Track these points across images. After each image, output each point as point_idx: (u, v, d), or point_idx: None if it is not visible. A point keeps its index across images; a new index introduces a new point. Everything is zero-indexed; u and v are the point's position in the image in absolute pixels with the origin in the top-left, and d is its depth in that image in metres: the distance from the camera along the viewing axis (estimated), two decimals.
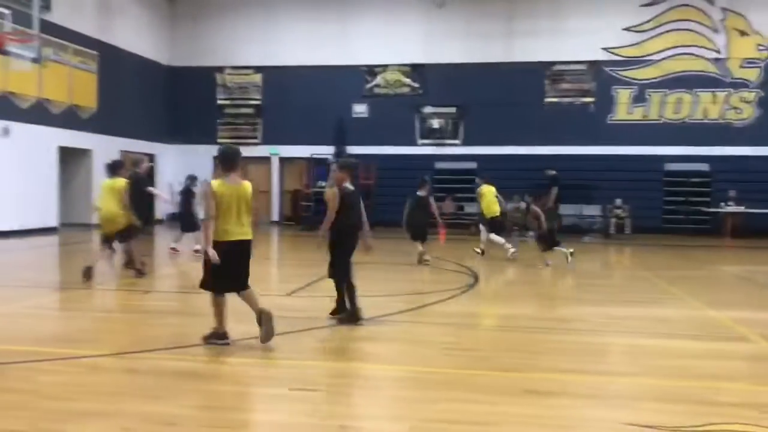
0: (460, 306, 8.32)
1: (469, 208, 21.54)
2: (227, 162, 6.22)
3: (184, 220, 13.53)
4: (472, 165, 22.35)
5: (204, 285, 6.09)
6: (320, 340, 6.36)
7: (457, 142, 23.28)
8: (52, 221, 18.40)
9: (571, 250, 12.69)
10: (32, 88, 17.60)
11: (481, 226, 14.35)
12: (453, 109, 23.30)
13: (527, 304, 8.71)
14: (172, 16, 24.84)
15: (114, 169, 9.93)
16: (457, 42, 23.01)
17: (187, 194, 13.64)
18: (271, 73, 24.23)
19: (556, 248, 12.68)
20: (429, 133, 23.47)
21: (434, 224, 12.78)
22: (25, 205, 17.07)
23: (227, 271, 5.87)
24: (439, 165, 22.74)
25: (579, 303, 8.92)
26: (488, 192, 14.36)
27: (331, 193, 7.14)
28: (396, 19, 23.41)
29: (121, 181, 9.69)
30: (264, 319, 5.93)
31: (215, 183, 6.04)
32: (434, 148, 23.32)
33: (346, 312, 7.02)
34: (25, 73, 14.90)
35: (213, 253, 5.74)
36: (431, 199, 12.87)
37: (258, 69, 24.39)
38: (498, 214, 14.32)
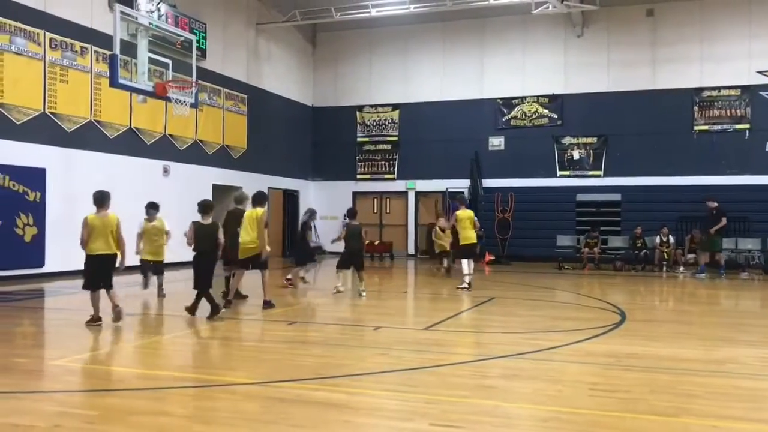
0: (605, 345, 7.96)
1: (614, 242, 20.72)
2: (97, 202, 8.61)
3: (302, 252, 13.97)
4: (616, 197, 21.58)
5: (85, 286, 8.71)
6: (458, 376, 6.29)
7: (599, 173, 22.54)
8: None
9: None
10: (189, 130, 19.09)
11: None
12: (594, 139, 22.64)
13: (678, 344, 8.19)
14: (315, 59, 26.06)
15: (256, 200, 10.53)
16: (597, 71, 22.47)
17: (304, 228, 14.09)
18: (407, 109, 24.73)
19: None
20: (569, 164, 22.90)
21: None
22: (182, 239, 18.33)
23: (98, 275, 8.56)
24: (581, 197, 22.07)
25: (735, 344, 8.28)
26: (465, 217, 13.89)
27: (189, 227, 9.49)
28: (533, 51, 23.24)
29: (260, 211, 10.28)
30: (116, 311, 8.55)
31: (90, 216, 8.53)
32: (575, 179, 22.70)
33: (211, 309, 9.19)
34: (183, 117, 16.15)
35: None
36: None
37: (395, 106, 24.97)
38: (474, 240, 13.90)
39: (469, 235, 13.74)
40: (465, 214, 13.95)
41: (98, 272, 8.58)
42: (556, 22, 22.85)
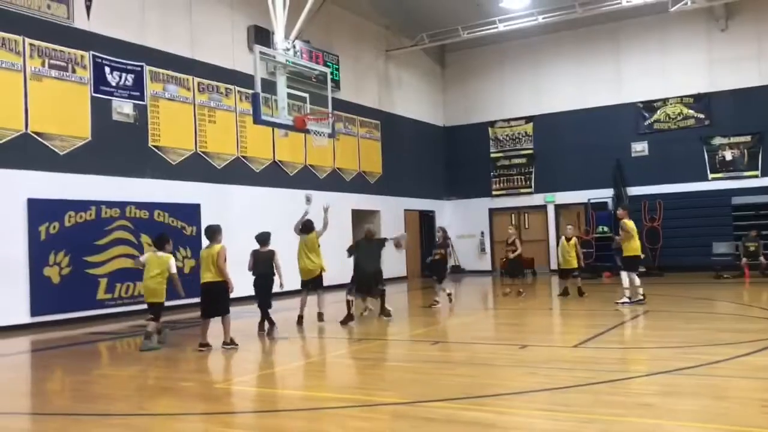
0: None
1: None
2: (207, 236, 9.42)
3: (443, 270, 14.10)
4: None
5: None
6: (613, 394, 6.03)
7: (755, 173, 20.95)
8: (348, 277, 20.10)
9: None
10: (328, 159, 19.79)
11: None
12: (748, 138, 21.10)
13: None
14: (445, 79, 26.26)
15: (306, 228, 11.93)
16: (746, 65, 21.00)
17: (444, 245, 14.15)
18: (541, 120, 24.26)
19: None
20: (721, 166, 21.47)
21: None
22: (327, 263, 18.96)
23: (204, 302, 9.34)
24: (737, 200, 20.59)
25: None
26: (633, 227, 12.84)
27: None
28: (673, 50, 22.13)
29: (313, 236, 11.70)
30: (228, 345, 9.20)
31: (202, 250, 9.47)
32: (729, 181, 21.23)
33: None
34: (322, 148, 16.75)
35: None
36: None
37: (528, 119, 24.58)
38: (639, 252, 12.81)
39: (636, 246, 13.11)
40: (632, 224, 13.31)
41: (204, 300, 9.35)
42: (697, 18, 21.63)
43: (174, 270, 9.66)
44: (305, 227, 12.02)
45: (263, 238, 10.78)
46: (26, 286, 12.33)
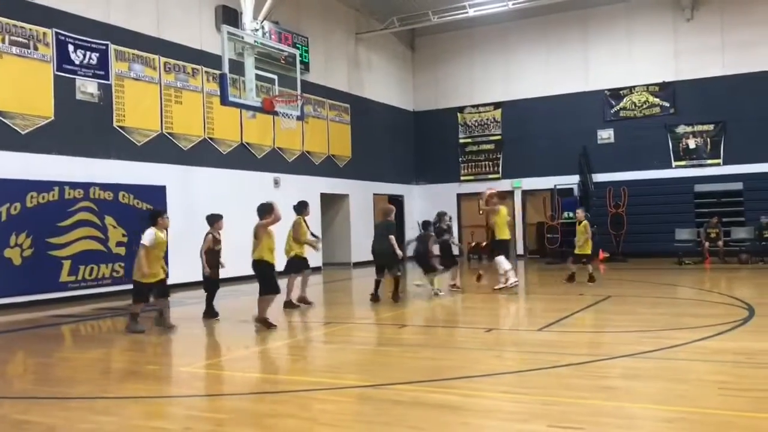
0: (733, 341, 7.53)
1: (738, 233, 19.59)
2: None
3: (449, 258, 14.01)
4: (738, 185, 20.41)
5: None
6: (576, 376, 6.13)
7: (717, 161, 21.38)
8: (317, 261, 20.09)
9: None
10: (297, 143, 19.68)
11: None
12: (711, 126, 21.50)
13: None
14: (415, 64, 26.22)
15: (298, 208, 11.82)
16: (711, 54, 21.34)
17: (448, 232, 14.17)
18: (510, 107, 24.40)
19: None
20: (685, 154, 21.86)
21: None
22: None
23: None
24: (699, 188, 21.01)
25: None
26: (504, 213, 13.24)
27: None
28: (640, 38, 22.38)
29: (295, 220, 11.57)
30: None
31: None
32: (692, 169, 21.64)
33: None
34: (291, 131, 16.64)
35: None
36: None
37: (497, 105, 24.70)
38: (508, 237, 13.33)
39: (506, 230, 13.50)
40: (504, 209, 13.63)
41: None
42: (663, 8, 21.91)
43: (144, 241, 9.11)
44: (295, 208, 11.88)
45: (210, 220, 10.65)
46: None
